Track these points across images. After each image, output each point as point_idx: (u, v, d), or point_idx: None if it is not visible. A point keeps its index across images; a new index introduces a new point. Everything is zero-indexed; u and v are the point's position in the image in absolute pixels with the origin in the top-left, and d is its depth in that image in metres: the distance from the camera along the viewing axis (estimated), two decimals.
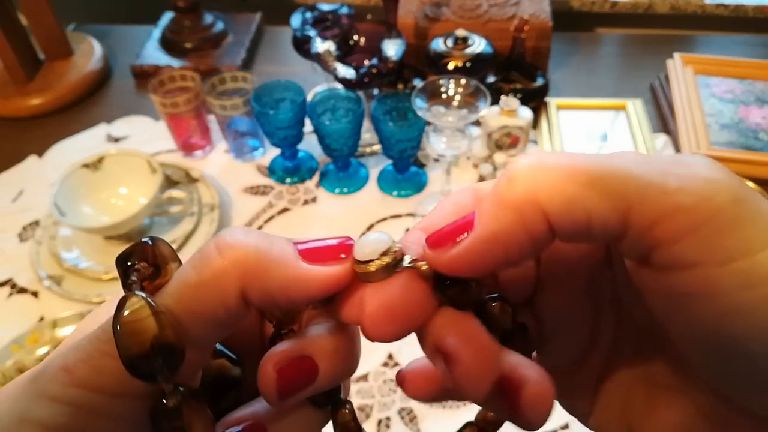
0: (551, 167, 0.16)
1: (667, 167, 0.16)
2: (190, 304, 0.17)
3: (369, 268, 0.18)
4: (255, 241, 0.18)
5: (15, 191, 0.85)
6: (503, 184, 0.17)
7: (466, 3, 0.94)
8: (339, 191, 0.83)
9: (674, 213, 0.15)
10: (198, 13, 1.03)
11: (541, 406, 0.18)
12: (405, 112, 0.79)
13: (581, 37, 1.07)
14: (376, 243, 0.19)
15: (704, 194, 0.15)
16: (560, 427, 0.60)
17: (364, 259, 0.19)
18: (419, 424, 0.61)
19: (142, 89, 1.00)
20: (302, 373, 0.19)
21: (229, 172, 0.86)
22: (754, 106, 0.87)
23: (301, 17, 0.87)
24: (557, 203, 0.16)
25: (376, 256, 0.18)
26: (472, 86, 0.71)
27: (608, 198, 0.16)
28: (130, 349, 0.16)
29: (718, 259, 0.15)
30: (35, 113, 0.95)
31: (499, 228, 0.17)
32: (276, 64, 1.03)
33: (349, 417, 0.21)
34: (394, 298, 0.18)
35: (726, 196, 0.15)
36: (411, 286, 0.18)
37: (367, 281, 0.18)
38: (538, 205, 0.16)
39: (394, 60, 0.78)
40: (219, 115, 0.82)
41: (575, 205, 0.16)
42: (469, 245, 0.17)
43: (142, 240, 0.18)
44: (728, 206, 0.15)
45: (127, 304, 0.17)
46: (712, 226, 0.15)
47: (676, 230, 0.15)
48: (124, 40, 1.10)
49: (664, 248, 0.15)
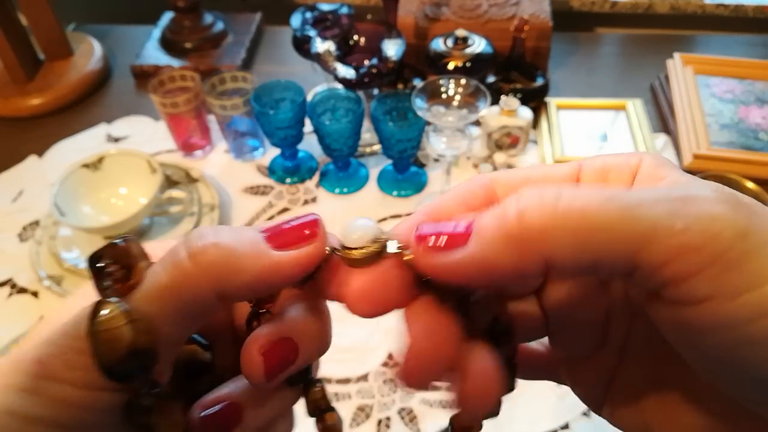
0: (563, 212, 0.16)
1: (674, 205, 0.16)
2: (165, 308, 0.17)
3: (355, 255, 0.19)
4: (225, 240, 0.18)
5: (15, 191, 0.85)
6: (512, 216, 0.17)
7: (466, 3, 0.94)
8: (339, 191, 0.83)
9: (682, 253, 0.15)
10: (198, 13, 1.03)
11: (479, 400, 0.19)
12: (405, 112, 0.79)
13: (581, 37, 1.07)
14: (363, 230, 0.19)
15: (711, 233, 0.15)
16: (560, 427, 0.60)
17: (352, 245, 0.19)
18: (419, 424, 0.61)
19: (142, 89, 1.00)
20: (285, 354, 0.20)
21: (229, 172, 0.86)
22: (754, 106, 0.87)
23: (301, 17, 0.87)
24: (564, 252, 0.16)
25: (363, 243, 0.19)
26: (472, 86, 0.71)
27: (617, 243, 0.16)
28: (106, 356, 0.17)
29: (727, 294, 0.15)
30: (35, 113, 0.95)
31: (494, 259, 0.17)
32: (276, 64, 1.04)
33: (319, 395, 0.22)
34: (375, 282, 0.19)
35: (732, 232, 0.15)
36: (393, 273, 0.19)
37: (352, 266, 0.19)
38: (542, 251, 0.16)
39: (394, 60, 0.78)
40: (219, 115, 0.82)
41: (583, 253, 0.16)
42: (458, 261, 0.17)
43: (113, 241, 0.19)
44: (735, 242, 0.15)
45: (101, 312, 0.17)
46: (721, 263, 0.15)
47: (685, 269, 0.15)
48: (124, 40, 1.10)
49: (674, 286, 0.16)
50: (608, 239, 0.16)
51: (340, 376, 0.63)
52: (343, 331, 0.67)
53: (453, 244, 0.17)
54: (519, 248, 0.16)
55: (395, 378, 0.20)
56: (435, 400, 0.62)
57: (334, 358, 0.65)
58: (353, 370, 0.64)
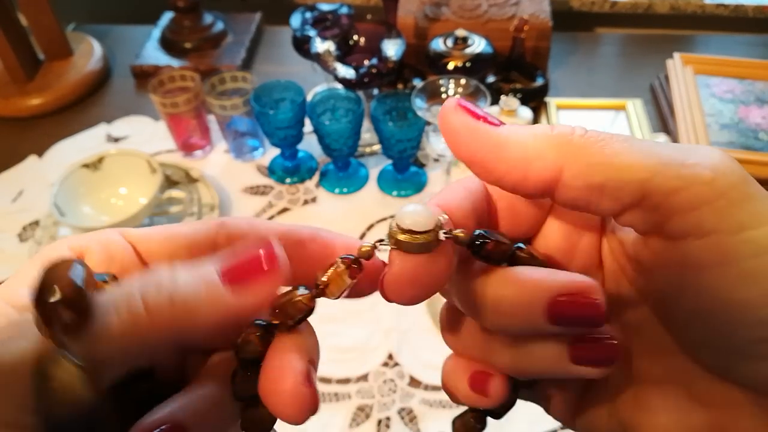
0: (581, 138, 0.18)
1: (686, 148, 0.17)
2: (114, 354, 0.16)
3: (407, 241, 0.18)
4: (181, 292, 0.17)
5: (15, 191, 0.85)
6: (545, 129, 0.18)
7: (466, 3, 0.94)
8: (339, 191, 0.83)
9: (692, 184, 0.16)
10: (198, 13, 1.03)
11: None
12: (405, 112, 0.79)
13: (581, 37, 1.07)
14: (417, 216, 0.19)
15: (720, 170, 0.16)
16: (560, 427, 0.60)
17: (406, 228, 0.18)
18: (419, 424, 0.61)
19: (141, 89, 1.00)
20: None
21: (229, 172, 0.86)
22: (754, 106, 0.87)
23: (300, 17, 0.87)
24: (578, 165, 0.17)
25: (418, 229, 0.18)
26: (472, 86, 0.71)
27: (629, 170, 0.17)
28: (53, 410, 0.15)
29: (731, 228, 0.16)
30: (35, 113, 0.95)
31: (531, 147, 0.18)
32: (276, 64, 1.04)
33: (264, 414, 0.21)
34: (419, 268, 0.18)
35: (738, 175, 0.16)
36: (438, 258, 0.19)
37: (400, 250, 0.19)
38: (557, 159, 0.18)
39: (394, 60, 0.78)
40: (219, 115, 0.82)
41: (594, 172, 0.17)
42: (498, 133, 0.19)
43: (54, 264, 0.17)
44: (740, 183, 0.16)
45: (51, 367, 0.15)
46: (727, 198, 0.16)
47: (693, 200, 0.16)
48: (123, 40, 1.10)
49: (680, 216, 0.16)
50: (622, 165, 0.17)
51: (340, 376, 0.63)
52: (343, 331, 0.67)
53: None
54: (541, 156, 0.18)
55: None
56: (435, 400, 0.62)
57: (334, 358, 0.65)
58: (353, 370, 0.64)
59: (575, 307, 0.18)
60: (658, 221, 0.17)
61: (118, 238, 0.21)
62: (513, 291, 0.19)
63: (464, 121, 0.19)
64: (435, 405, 0.62)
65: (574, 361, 0.19)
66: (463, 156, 0.19)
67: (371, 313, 0.69)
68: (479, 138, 0.19)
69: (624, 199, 0.17)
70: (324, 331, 0.66)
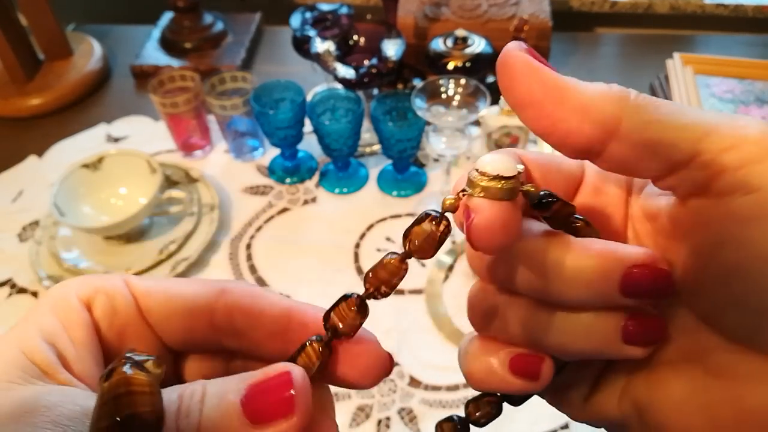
0: (636, 99, 0.19)
1: (729, 114, 0.18)
2: None
3: (495, 187, 0.18)
4: (205, 414, 0.17)
5: (15, 191, 0.85)
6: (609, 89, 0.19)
7: (466, 3, 0.94)
8: (339, 191, 0.83)
9: (743, 143, 0.17)
10: (197, 13, 1.03)
11: None
12: (405, 112, 0.79)
13: (581, 37, 1.07)
14: (502, 163, 0.19)
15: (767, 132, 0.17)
16: (560, 427, 0.60)
17: (493, 174, 0.18)
18: (419, 424, 0.61)
19: (141, 89, 1.00)
20: None
21: (228, 172, 0.86)
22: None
23: (300, 17, 0.87)
24: (634, 121, 0.18)
25: (505, 174, 0.18)
26: (471, 86, 0.71)
27: (684, 130, 0.18)
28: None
29: None
30: (35, 113, 0.95)
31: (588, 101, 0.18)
32: (276, 64, 1.04)
33: None
34: (507, 213, 0.18)
35: None
36: (517, 207, 0.19)
37: (487, 197, 0.19)
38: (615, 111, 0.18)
39: (394, 60, 0.78)
40: (219, 115, 0.82)
41: (649, 129, 0.18)
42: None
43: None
44: None
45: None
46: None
47: (743, 158, 0.17)
48: (123, 40, 1.10)
49: (729, 174, 0.17)
50: (678, 124, 0.18)
51: None
52: None
53: None
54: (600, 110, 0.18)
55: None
56: (435, 400, 0.62)
57: None
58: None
59: (649, 278, 0.18)
60: (705, 180, 0.17)
61: (123, 290, 0.21)
62: (593, 262, 0.19)
63: (527, 61, 0.19)
64: (435, 405, 0.62)
65: (625, 339, 0.19)
66: (521, 96, 0.19)
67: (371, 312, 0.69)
68: (541, 79, 0.18)
69: (675, 158, 0.18)
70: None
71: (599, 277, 0.19)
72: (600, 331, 0.19)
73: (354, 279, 0.72)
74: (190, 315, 0.21)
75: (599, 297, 0.19)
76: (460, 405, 0.61)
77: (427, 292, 0.71)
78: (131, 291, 0.21)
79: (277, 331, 0.21)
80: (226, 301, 0.21)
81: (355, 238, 0.77)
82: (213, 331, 0.21)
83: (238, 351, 0.22)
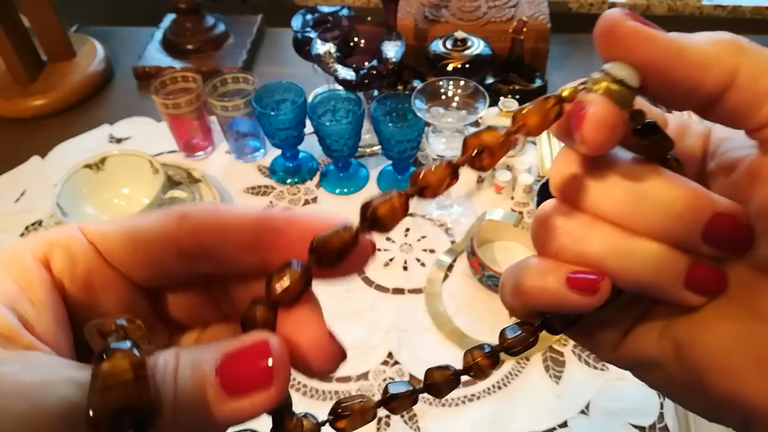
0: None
1: None
2: None
3: (617, 91, 0.19)
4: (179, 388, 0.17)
5: (18, 192, 0.86)
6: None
7: (465, 5, 0.95)
8: (339, 192, 0.83)
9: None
10: (199, 15, 1.03)
11: None
12: (405, 113, 0.79)
13: (579, 39, 1.07)
14: (631, 72, 0.19)
15: None
16: (559, 426, 0.60)
17: (620, 79, 0.19)
18: (419, 423, 0.61)
19: (144, 90, 1.01)
20: None
21: (230, 173, 0.87)
22: None
23: (301, 19, 0.88)
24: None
25: (630, 83, 0.19)
26: (471, 87, 0.72)
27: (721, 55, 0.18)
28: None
29: None
30: (38, 114, 0.96)
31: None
32: (277, 65, 1.04)
33: None
34: (620, 117, 0.19)
35: None
36: (625, 117, 0.19)
37: (606, 97, 0.19)
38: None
39: (394, 61, 0.78)
40: (220, 116, 0.83)
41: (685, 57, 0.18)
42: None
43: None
44: None
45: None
46: None
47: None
48: (126, 41, 1.11)
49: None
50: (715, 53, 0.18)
51: (340, 375, 0.64)
52: (343, 330, 0.68)
53: None
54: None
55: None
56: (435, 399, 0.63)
57: None
58: (353, 368, 0.65)
59: (733, 228, 0.19)
60: (742, 105, 0.18)
61: (79, 239, 0.20)
62: (688, 196, 0.19)
63: (638, 26, 0.19)
64: (434, 403, 0.62)
65: (687, 283, 0.19)
66: (638, 60, 0.19)
67: (371, 312, 0.70)
68: (658, 42, 0.19)
69: (715, 81, 0.18)
70: None
71: (689, 212, 0.19)
72: (668, 266, 0.19)
73: (354, 278, 0.73)
74: (154, 248, 0.20)
75: (680, 233, 0.19)
76: (459, 403, 0.62)
77: (426, 291, 0.72)
78: (88, 238, 0.20)
79: (248, 243, 0.20)
80: (188, 225, 0.20)
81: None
82: (183, 260, 0.20)
83: (215, 274, 0.21)
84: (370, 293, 0.72)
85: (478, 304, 0.70)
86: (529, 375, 0.64)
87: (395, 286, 0.72)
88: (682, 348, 0.20)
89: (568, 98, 0.19)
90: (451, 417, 0.61)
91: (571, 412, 0.61)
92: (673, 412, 0.60)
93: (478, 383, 0.63)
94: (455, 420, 0.61)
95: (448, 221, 0.79)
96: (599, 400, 0.62)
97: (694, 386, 0.20)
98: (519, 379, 0.64)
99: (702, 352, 0.19)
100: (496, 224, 0.73)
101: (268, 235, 0.20)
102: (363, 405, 0.22)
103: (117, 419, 0.15)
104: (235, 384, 0.17)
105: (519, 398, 0.62)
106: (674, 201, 0.19)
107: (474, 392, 0.63)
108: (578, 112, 0.19)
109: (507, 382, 0.64)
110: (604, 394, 0.62)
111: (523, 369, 0.65)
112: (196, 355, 0.17)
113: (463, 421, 0.61)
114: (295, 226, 0.20)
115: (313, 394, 0.63)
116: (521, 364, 0.65)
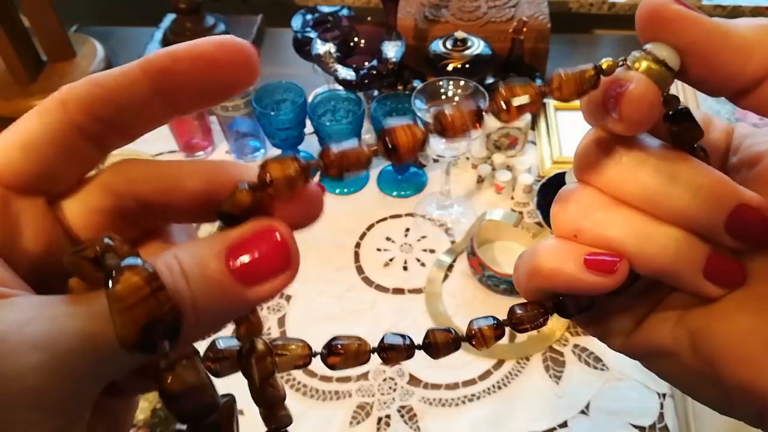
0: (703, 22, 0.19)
1: None
2: None
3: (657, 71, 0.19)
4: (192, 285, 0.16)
5: None
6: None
7: (465, 5, 0.95)
8: (339, 191, 0.83)
9: None
10: (199, 15, 1.03)
11: None
12: (405, 113, 0.79)
13: (579, 39, 1.07)
14: (673, 54, 0.19)
15: None
16: (559, 426, 0.61)
17: (661, 59, 0.19)
18: (419, 422, 0.61)
19: None
20: None
21: None
22: None
23: (301, 19, 0.88)
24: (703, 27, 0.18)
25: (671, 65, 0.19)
26: (471, 87, 0.72)
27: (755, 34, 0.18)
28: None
29: None
30: None
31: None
32: (277, 65, 1.04)
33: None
34: (658, 97, 0.19)
35: None
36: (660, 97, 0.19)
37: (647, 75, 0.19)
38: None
39: (394, 61, 0.78)
40: (220, 116, 0.83)
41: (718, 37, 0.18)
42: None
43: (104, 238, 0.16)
44: None
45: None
46: None
47: None
48: (126, 41, 1.11)
49: None
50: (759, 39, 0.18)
51: (340, 375, 0.64)
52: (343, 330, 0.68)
53: None
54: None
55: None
56: (434, 398, 0.63)
57: None
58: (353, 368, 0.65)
59: (757, 221, 0.19)
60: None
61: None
62: (714, 183, 0.19)
63: (683, 9, 0.19)
64: (434, 403, 0.62)
65: (706, 272, 0.19)
66: (683, 43, 0.19)
67: (371, 312, 0.70)
68: (704, 25, 0.18)
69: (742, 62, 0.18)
70: (324, 330, 0.67)
71: (714, 199, 0.19)
72: (688, 253, 0.19)
73: (354, 278, 0.73)
74: (44, 147, 0.19)
75: (703, 219, 0.19)
76: (459, 403, 0.62)
77: (426, 291, 0.72)
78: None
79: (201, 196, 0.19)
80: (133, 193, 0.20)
81: (355, 238, 0.78)
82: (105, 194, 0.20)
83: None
84: (370, 293, 0.72)
85: (478, 304, 0.70)
86: (529, 375, 0.64)
87: (395, 286, 0.73)
88: (697, 338, 0.20)
89: (607, 71, 0.19)
90: (451, 417, 0.61)
91: (571, 412, 0.61)
92: (673, 413, 0.60)
93: (478, 383, 0.63)
94: (455, 420, 0.61)
95: (448, 221, 0.79)
96: (599, 400, 0.62)
97: (709, 377, 0.20)
98: (519, 379, 0.64)
99: (718, 342, 0.19)
100: (496, 224, 0.73)
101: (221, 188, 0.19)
102: (359, 347, 0.22)
103: (147, 335, 0.15)
104: (253, 273, 0.17)
105: (519, 398, 0.62)
106: (700, 187, 0.19)
107: (474, 392, 0.63)
108: (618, 89, 0.19)
109: (507, 382, 0.64)
110: (604, 394, 0.62)
111: (523, 369, 0.65)
112: (197, 254, 0.17)
113: (463, 421, 0.61)
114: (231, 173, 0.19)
115: (313, 395, 0.63)
116: (521, 364, 0.65)
